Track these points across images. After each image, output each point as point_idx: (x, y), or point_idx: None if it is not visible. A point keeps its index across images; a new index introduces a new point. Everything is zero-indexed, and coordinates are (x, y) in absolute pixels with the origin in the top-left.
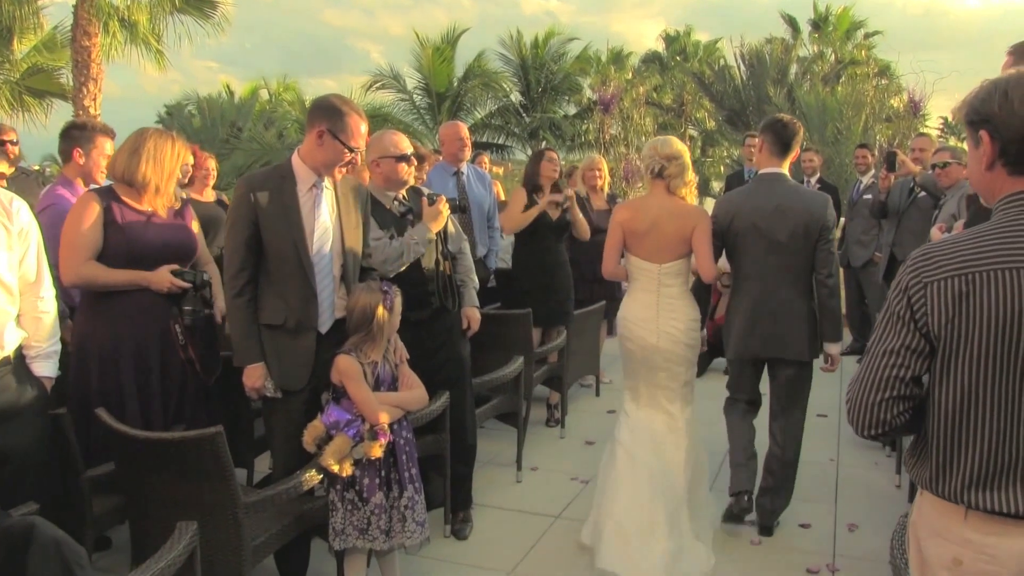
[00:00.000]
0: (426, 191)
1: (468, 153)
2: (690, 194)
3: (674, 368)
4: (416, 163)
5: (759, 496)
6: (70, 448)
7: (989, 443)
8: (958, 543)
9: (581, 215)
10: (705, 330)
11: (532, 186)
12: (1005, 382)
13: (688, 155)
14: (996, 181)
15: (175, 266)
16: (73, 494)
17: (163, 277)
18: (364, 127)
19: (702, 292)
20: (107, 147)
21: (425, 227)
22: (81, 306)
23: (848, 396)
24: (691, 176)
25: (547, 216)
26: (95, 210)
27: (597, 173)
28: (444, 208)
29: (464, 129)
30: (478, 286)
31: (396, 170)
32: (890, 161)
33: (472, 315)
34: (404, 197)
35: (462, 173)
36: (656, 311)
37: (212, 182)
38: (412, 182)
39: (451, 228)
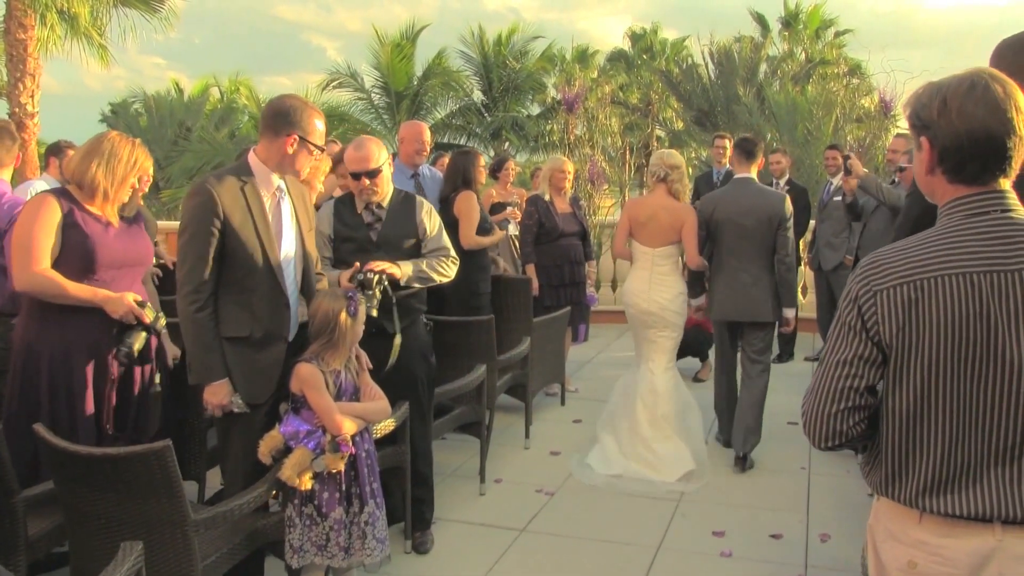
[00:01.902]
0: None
1: (426, 156)
2: (683, 195)
3: (661, 329)
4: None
5: (735, 430)
6: (3, 468)
7: (942, 448)
8: (912, 545)
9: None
10: (704, 298)
11: (467, 185)
12: (957, 387)
13: (685, 165)
14: (937, 185)
15: (138, 296)
16: (6, 516)
17: (124, 301)
18: (322, 123)
19: (695, 275)
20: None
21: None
22: (28, 305)
23: (803, 408)
24: (687, 182)
25: (487, 221)
26: (55, 212)
27: (565, 175)
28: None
29: (427, 132)
30: (433, 280)
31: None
32: (846, 166)
33: (383, 264)
34: (380, 205)
35: (419, 175)
36: (648, 284)
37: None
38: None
39: (431, 230)
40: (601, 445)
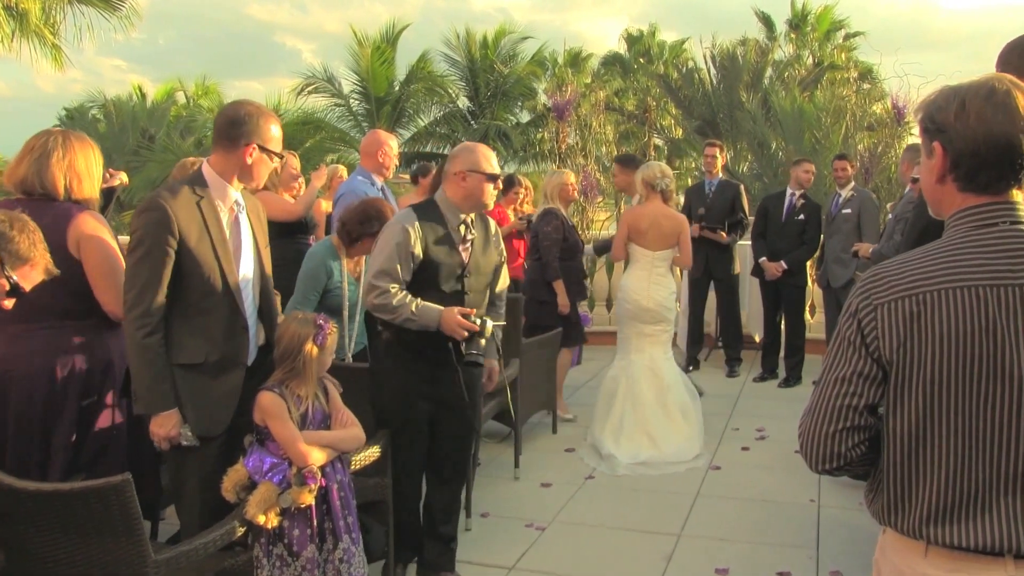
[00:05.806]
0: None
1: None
2: (674, 198)
3: (658, 323)
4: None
5: None
6: None
7: (947, 473)
8: None
9: None
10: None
11: None
12: (961, 407)
13: (659, 175)
14: (946, 195)
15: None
16: None
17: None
18: (279, 129)
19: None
20: None
21: (436, 322)
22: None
23: (800, 429)
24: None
25: None
26: None
27: (574, 187)
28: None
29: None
30: (500, 322)
31: (482, 189)
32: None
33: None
34: (471, 222)
35: (384, 189)
36: (648, 283)
37: None
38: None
39: (504, 255)
40: (602, 444)
